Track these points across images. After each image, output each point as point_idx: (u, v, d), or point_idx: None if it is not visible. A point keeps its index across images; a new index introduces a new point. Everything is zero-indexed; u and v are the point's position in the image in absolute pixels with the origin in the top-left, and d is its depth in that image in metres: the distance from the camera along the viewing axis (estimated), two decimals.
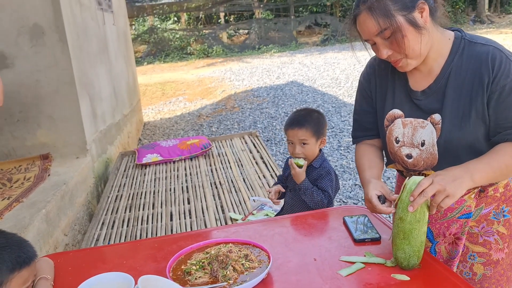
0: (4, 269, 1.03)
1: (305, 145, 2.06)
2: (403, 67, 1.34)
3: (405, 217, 1.23)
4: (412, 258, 1.25)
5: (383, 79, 1.48)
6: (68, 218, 3.11)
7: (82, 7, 4.14)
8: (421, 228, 1.23)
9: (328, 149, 5.15)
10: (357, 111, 1.60)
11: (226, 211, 3.18)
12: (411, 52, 1.28)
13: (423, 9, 1.27)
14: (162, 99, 9.50)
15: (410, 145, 1.41)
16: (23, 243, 1.14)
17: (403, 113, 1.42)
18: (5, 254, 1.05)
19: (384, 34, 1.27)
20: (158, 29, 15.90)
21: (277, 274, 1.31)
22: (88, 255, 1.61)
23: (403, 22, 1.25)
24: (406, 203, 1.22)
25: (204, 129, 6.77)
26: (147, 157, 4.37)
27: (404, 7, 1.25)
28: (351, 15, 1.35)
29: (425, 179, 1.20)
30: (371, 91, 1.53)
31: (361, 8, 1.28)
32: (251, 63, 12.61)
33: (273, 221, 1.85)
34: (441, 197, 1.18)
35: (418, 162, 1.41)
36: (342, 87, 8.33)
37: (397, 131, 1.43)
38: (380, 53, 1.32)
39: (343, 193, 3.96)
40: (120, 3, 6.91)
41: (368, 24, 1.27)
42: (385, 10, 1.24)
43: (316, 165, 2.10)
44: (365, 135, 1.59)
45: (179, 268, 1.34)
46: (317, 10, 16.64)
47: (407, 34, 1.25)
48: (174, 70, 12.89)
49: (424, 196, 1.18)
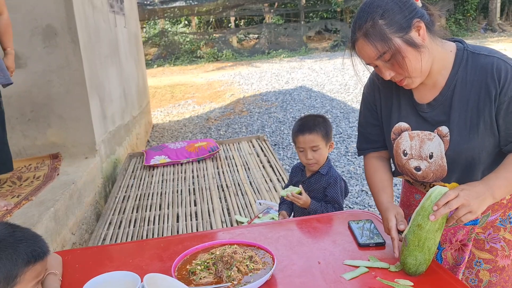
0: (20, 261, 1.05)
1: (316, 150, 2.06)
2: (408, 85, 1.35)
3: (425, 225, 1.23)
4: (421, 266, 1.26)
5: (388, 93, 1.49)
6: (76, 217, 3.14)
7: (94, 9, 4.20)
8: (437, 238, 1.24)
9: (336, 154, 5.15)
10: (362, 124, 1.60)
11: (232, 213, 3.20)
12: (413, 71, 1.29)
13: (419, 27, 1.27)
14: (171, 102, 9.56)
15: (418, 157, 1.41)
16: (38, 237, 1.16)
17: (409, 126, 1.43)
18: (22, 247, 1.07)
19: (384, 57, 1.28)
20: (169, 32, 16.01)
21: (281, 276, 1.32)
22: (95, 253, 1.64)
23: (401, 44, 1.25)
24: (428, 212, 1.22)
25: (212, 132, 6.80)
26: (155, 159, 4.41)
27: (400, 29, 1.25)
28: (348, 43, 1.36)
29: (451, 191, 1.21)
30: (375, 104, 1.53)
31: (358, 35, 1.29)
32: (261, 67, 12.65)
33: (278, 224, 1.86)
34: (464, 211, 1.19)
35: (427, 174, 1.42)
36: (351, 93, 8.33)
37: (404, 144, 1.44)
38: (383, 75, 1.33)
39: (350, 199, 3.95)
40: (132, 6, 6.99)
41: (367, 50, 1.28)
42: (381, 34, 1.25)
43: (323, 172, 2.10)
44: (371, 147, 1.59)
45: (184, 268, 1.36)
46: (327, 16, 16.66)
47: (407, 54, 1.26)
48: (183, 73, 12.96)
49: (448, 207, 1.19)
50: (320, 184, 2.09)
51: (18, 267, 1.05)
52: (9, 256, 1.05)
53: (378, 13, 1.25)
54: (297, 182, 2.20)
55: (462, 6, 16.28)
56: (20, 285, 1.06)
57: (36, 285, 1.11)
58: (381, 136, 1.55)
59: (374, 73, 1.51)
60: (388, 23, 1.25)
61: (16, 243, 1.07)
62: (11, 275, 1.04)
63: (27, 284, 1.08)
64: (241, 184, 3.75)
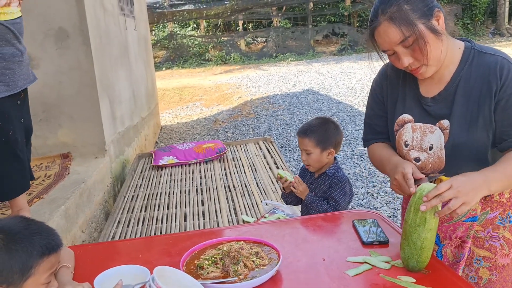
0: (35, 254, 1.09)
1: (309, 154, 2.10)
2: (423, 74, 1.38)
3: (407, 219, 1.29)
4: (411, 260, 1.29)
5: (395, 86, 1.53)
6: (85, 215, 3.20)
7: (105, 12, 4.27)
8: (421, 233, 1.26)
9: (342, 157, 5.18)
10: (369, 115, 1.64)
11: (239, 213, 3.24)
12: (432, 58, 1.33)
13: (439, 16, 1.32)
14: (179, 104, 9.63)
15: (419, 149, 1.46)
16: (52, 231, 1.20)
17: (413, 118, 1.47)
18: (36, 240, 1.11)
19: (407, 42, 1.31)
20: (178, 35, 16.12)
21: (286, 272, 1.36)
22: (105, 248, 1.69)
23: (424, 30, 1.30)
24: (412, 206, 1.27)
25: (220, 134, 6.85)
26: (164, 159, 4.46)
27: (423, 15, 1.30)
28: (368, 29, 1.39)
29: (443, 183, 1.23)
30: (383, 96, 1.57)
31: (381, 19, 1.32)
32: (268, 70, 12.69)
33: (284, 222, 1.90)
34: (458, 203, 1.21)
35: (425, 165, 1.46)
36: (358, 96, 8.34)
37: (406, 135, 1.48)
38: (401, 62, 1.35)
39: (355, 200, 3.98)
40: (142, 9, 7.07)
41: (390, 33, 1.31)
42: (407, 18, 1.29)
43: (329, 173, 2.13)
44: (376, 137, 1.62)
45: (192, 262, 1.39)
46: (335, 20, 16.68)
47: (429, 40, 1.30)
48: (192, 76, 13.04)
49: (440, 199, 1.21)
50: (325, 185, 2.13)
51: (33, 259, 1.09)
52: (24, 248, 1.09)
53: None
54: (305, 183, 2.23)
55: (470, 10, 16.22)
56: (35, 276, 1.10)
57: (49, 276, 1.15)
58: (386, 128, 1.58)
59: (387, 65, 1.55)
60: (413, 9, 1.29)
61: (31, 236, 1.11)
62: (26, 267, 1.08)
63: (41, 275, 1.12)
64: (247, 184, 3.79)
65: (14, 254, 1.07)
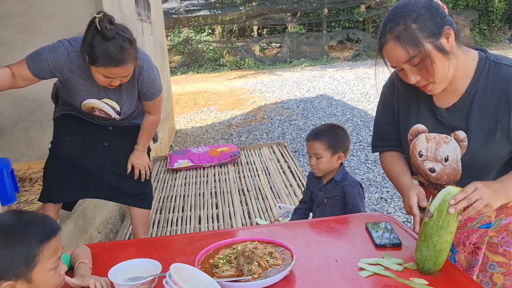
0: (34, 242, 1.11)
1: (319, 158, 2.11)
2: (431, 91, 1.37)
3: (429, 221, 1.29)
4: (428, 262, 1.29)
5: (407, 94, 1.52)
6: (102, 216, 3.26)
7: (123, 17, 4.35)
8: (442, 235, 1.27)
9: (356, 162, 5.17)
10: (378, 121, 1.64)
11: (252, 216, 3.26)
12: (439, 77, 1.32)
13: (449, 34, 1.30)
14: (194, 108, 9.71)
15: (433, 159, 1.45)
16: (45, 217, 1.21)
17: (426, 128, 1.46)
18: (32, 229, 1.12)
19: (412, 61, 1.30)
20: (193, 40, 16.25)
21: (299, 273, 1.37)
22: (122, 246, 1.73)
23: (432, 49, 1.27)
24: (436, 209, 1.27)
25: (234, 139, 6.89)
26: (179, 163, 4.51)
27: (431, 34, 1.28)
28: (377, 44, 1.38)
29: (468, 186, 1.25)
30: (393, 104, 1.57)
31: (388, 38, 1.31)
32: (282, 76, 12.72)
33: (297, 224, 1.91)
34: (482, 203, 1.22)
35: (441, 177, 1.45)
36: (372, 102, 8.31)
37: (420, 146, 1.47)
38: (409, 79, 1.36)
39: (369, 205, 3.97)
40: (158, 14, 7.17)
41: (396, 52, 1.31)
42: (413, 38, 1.27)
43: (337, 178, 2.14)
44: (385, 145, 1.63)
45: (207, 261, 1.42)
46: (350, 25, 16.64)
47: (436, 60, 1.28)
48: (206, 80, 13.14)
49: (468, 200, 1.23)
50: (337, 190, 2.14)
51: (34, 247, 1.11)
52: (22, 240, 1.10)
53: (411, 17, 1.28)
54: (314, 189, 2.25)
55: (487, 16, 16.04)
56: (41, 264, 1.12)
57: (56, 261, 1.17)
58: (396, 135, 1.58)
59: (394, 74, 1.54)
60: (421, 28, 1.27)
61: (26, 227, 1.12)
62: (29, 257, 1.10)
63: (47, 261, 1.13)
64: (261, 188, 3.81)
65: (13, 248, 1.09)
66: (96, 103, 2.15)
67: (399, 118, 1.55)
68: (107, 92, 2.13)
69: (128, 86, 2.14)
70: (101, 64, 1.91)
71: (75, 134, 2.31)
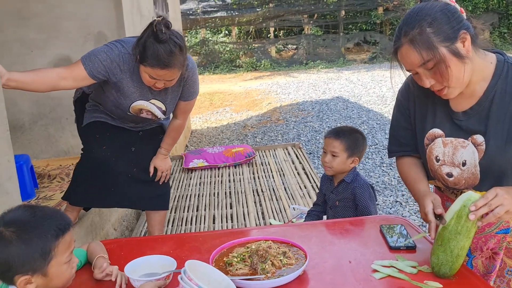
0: (50, 236, 1.14)
1: (335, 157, 2.11)
2: (447, 95, 1.36)
3: (448, 226, 1.28)
4: (444, 266, 1.29)
5: (423, 99, 1.50)
6: (118, 213, 3.30)
7: (142, 18, 4.41)
8: (460, 241, 1.26)
9: (371, 165, 5.14)
10: (394, 127, 1.63)
11: (266, 217, 3.27)
12: (454, 82, 1.31)
13: (465, 38, 1.28)
14: (209, 109, 9.77)
15: (451, 164, 1.44)
16: (58, 212, 1.25)
17: (443, 132, 1.45)
18: (47, 224, 1.16)
19: (427, 65, 1.29)
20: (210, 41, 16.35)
21: (313, 273, 1.38)
22: (138, 243, 1.75)
23: (446, 53, 1.27)
24: (456, 214, 1.26)
25: (249, 139, 6.91)
26: (194, 162, 4.55)
27: (447, 38, 1.27)
28: (392, 48, 1.38)
29: (489, 192, 1.23)
30: (409, 109, 1.55)
31: (403, 41, 1.30)
32: (298, 77, 12.71)
33: (311, 225, 1.92)
34: (503, 210, 1.21)
35: (459, 181, 1.44)
36: (388, 105, 8.25)
37: (437, 150, 1.46)
38: (423, 83, 1.35)
39: (384, 209, 3.95)
40: (176, 15, 7.24)
41: (411, 56, 1.30)
42: (428, 42, 1.26)
43: (347, 180, 2.14)
44: (401, 150, 1.62)
45: (221, 260, 1.44)
46: (367, 28, 16.53)
47: (451, 64, 1.27)
48: (222, 81, 13.20)
49: (488, 207, 1.21)
50: (348, 192, 2.14)
51: (49, 242, 1.14)
52: (38, 235, 1.13)
53: (426, 21, 1.27)
54: (326, 191, 2.26)
55: (507, 19, 15.76)
56: (56, 258, 1.15)
57: (70, 255, 1.20)
58: (412, 140, 1.57)
59: (410, 79, 1.53)
60: (436, 32, 1.26)
61: (41, 222, 1.15)
62: (45, 251, 1.13)
63: (62, 255, 1.17)
64: (275, 189, 3.82)
65: (30, 243, 1.11)
66: (144, 104, 2.21)
67: (415, 122, 1.54)
68: (153, 92, 2.19)
69: (173, 85, 2.18)
70: (149, 64, 1.97)
71: (110, 143, 2.36)
